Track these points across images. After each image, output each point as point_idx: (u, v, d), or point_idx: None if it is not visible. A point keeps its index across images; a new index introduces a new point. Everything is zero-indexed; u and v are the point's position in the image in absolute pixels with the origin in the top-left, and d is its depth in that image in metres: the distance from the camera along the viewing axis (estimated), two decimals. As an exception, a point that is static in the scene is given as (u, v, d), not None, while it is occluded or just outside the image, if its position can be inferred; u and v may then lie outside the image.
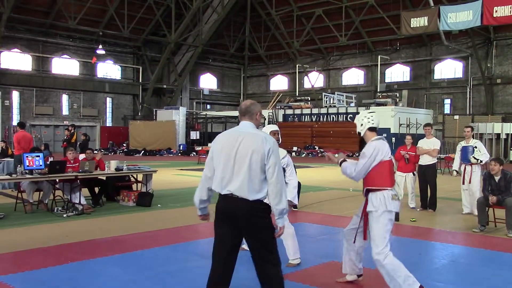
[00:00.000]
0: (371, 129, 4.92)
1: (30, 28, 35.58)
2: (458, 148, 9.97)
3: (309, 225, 8.88)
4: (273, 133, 6.04)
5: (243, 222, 3.71)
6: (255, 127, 3.89)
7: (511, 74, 35.03)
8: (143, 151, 34.19)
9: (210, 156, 3.91)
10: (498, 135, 28.97)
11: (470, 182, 9.63)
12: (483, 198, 8.05)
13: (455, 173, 10.13)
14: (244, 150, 3.72)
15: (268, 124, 18.08)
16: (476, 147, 9.62)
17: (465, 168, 9.75)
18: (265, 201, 3.77)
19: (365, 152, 4.78)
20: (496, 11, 27.29)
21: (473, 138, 10.18)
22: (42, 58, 36.78)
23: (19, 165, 9.48)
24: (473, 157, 9.54)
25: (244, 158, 3.71)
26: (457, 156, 10.00)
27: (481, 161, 9.60)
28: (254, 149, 3.70)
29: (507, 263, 6.28)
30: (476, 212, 9.35)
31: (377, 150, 4.75)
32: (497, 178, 7.99)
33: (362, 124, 4.95)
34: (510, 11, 26.83)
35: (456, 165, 10.04)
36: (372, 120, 4.93)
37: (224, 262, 3.80)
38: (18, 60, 35.87)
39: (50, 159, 11.03)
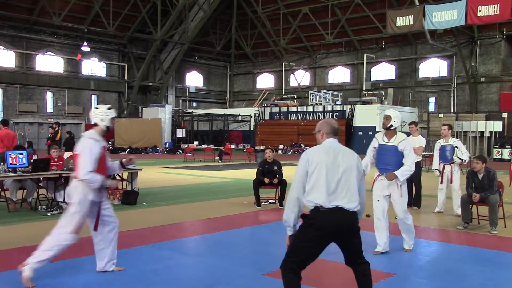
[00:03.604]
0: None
1: (13, 24, 35.14)
2: (437, 147, 9.72)
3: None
4: (385, 117, 6.65)
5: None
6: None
7: (494, 73, 35.45)
8: (128, 149, 33.97)
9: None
10: (482, 133, 29.31)
11: (451, 182, 9.52)
12: (466, 195, 8.12)
13: (437, 172, 9.75)
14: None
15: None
16: (457, 146, 9.49)
17: (443, 167, 9.57)
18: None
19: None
20: (480, 11, 27.61)
21: (453, 137, 9.98)
22: (26, 55, 36.35)
23: (2, 163, 9.36)
24: (457, 157, 9.43)
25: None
26: (436, 155, 9.74)
27: (464, 160, 9.49)
28: None
29: (490, 259, 6.36)
30: (459, 212, 9.43)
31: None
32: (480, 176, 8.06)
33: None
34: (494, 10, 27.17)
35: (436, 164, 9.75)
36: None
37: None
38: (2, 57, 35.40)
39: (34, 157, 10.88)
